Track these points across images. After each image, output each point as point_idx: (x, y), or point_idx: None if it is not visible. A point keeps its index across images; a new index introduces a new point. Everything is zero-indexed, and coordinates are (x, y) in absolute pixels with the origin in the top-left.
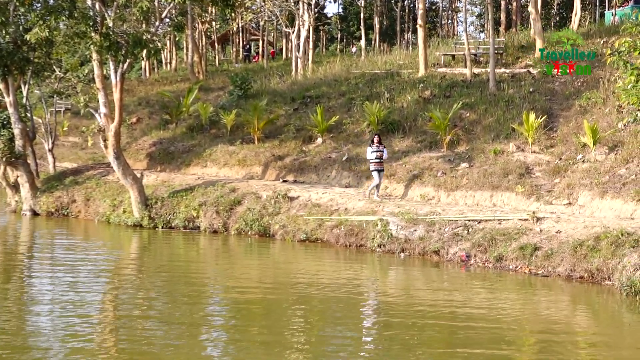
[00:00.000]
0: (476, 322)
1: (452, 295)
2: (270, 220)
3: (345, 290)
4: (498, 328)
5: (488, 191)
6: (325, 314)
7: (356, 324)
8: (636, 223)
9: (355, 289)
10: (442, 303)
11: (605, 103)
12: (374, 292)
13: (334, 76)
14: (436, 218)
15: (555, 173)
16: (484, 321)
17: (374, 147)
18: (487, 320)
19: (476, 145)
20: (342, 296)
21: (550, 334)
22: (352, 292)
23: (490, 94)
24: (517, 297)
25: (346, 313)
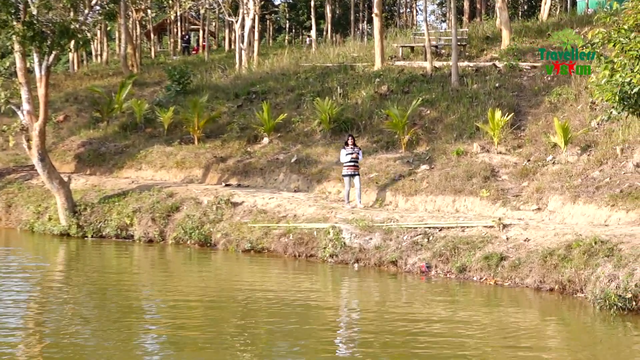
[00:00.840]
0: (437, 337)
1: (411, 309)
2: (212, 228)
3: (294, 304)
4: (461, 344)
5: (450, 196)
6: (271, 329)
7: (306, 341)
8: (610, 230)
9: (305, 303)
10: (400, 317)
11: (578, 99)
12: (325, 306)
13: (282, 70)
14: (393, 225)
15: (523, 176)
16: (446, 336)
17: (349, 149)
18: (450, 336)
19: (437, 146)
20: (291, 311)
21: (518, 350)
22: (301, 307)
23: (453, 90)
24: (481, 311)
25: (295, 329)
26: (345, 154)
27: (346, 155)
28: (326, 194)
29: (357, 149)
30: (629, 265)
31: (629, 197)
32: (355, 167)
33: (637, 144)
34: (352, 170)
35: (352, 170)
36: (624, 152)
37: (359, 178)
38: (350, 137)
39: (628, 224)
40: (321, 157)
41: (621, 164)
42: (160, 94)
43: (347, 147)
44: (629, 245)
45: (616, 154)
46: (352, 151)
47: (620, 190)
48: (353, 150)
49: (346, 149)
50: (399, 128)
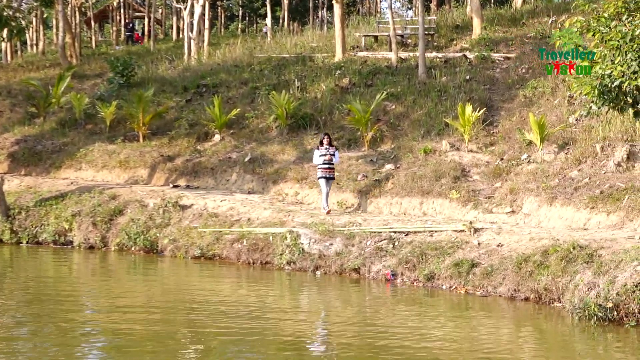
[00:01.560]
0: (406, 350)
1: (376, 319)
2: (158, 233)
3: (249, 315)
4: (432, 358)
5: (417, 197)
6: (223, 341)
7: (261, 355)
8: (590, 234)
9: (260, 314)
10: (365, 328)
11: (554, 93)
12: (282, 317)
13: (235, 61)
14: (356, 230)
15: (496, 176)
16: (415, 349)
17: (323, 150)
18: (419, 349)
19: (403, 143)
20: (245, 322)
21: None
22: (256, 318)
23: (420, 83)
24: (452, 322)
25: (249, 341)
26: (318, 155)
27: (320, 156)
28: (283, 196)
29: (333, 149)
30: (610, 272)
31: (609, 199)
32: (331, 169)
33: (618, 141)
34: (328, 173)
35: (327, 173)
36: (604, 150)
37: (332, 182)
38: (326, 136)
39: (609, 228)
40: (277, 155)
41: (601, 163)
42: (101, 87)
43: (321, 147)
44: (609, 250)
45: (596, 152)
46: (326, 152)
47: (601, 191)
48: (327, 151)
49: (320, 150)
50: (362, 124)
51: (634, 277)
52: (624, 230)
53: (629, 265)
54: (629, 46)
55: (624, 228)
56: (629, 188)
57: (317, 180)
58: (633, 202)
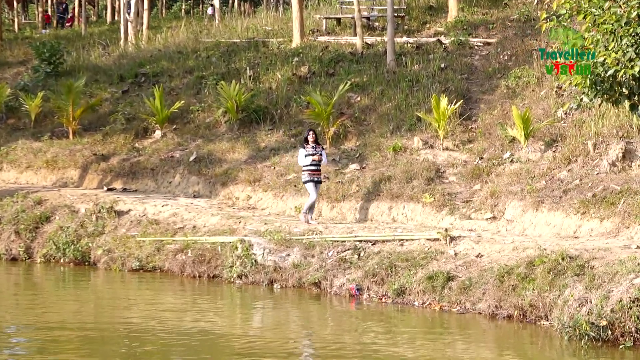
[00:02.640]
0: None
1: (339, 340)
2: (91, 242)
3: (192, 334)
4: None
5: (386, 202)
6: None
7: None
8: (581, 243)
9: (206, 334)
10: (327, 350)
11: (541, 84)
12: (231, 337)
13: (178, 47)
14: (316, 238)
15: (475, 177)
16: None
17: (309, 149)
18: None
19: (370, 140)
20: (188, 342)
21: None
22: (200, 338)
23: (389, 72)
24: (425, 343)
25: None
26: (304, 155)
27: (306, 156)
28: (233, 200)
29: (320, 149)
30: (604, 287)
31: (603, 203)
32: (318, 172)
33: (612, 137)
34: (316, 176)
35: (315, 176)
36: (597, 147)
37: (319, 187)
38: (312, 133)
39: (602, 236)
40: (227, 154)
41: (594, 162)
42: (25, 76)
43: (307, 146)
44: (603, 261)
45: (587, 150)
46: (314, 151)
47: (593, 194)
48: (315, 151)
49: (306, 148)
50: (323, 119)
51: (631, 291)
52: (619, 238)
53: (625, 278)
54: (625, 30)
55: (620, 236)
56: (625, 191)
57: (303, 184)
58: (629, 206)
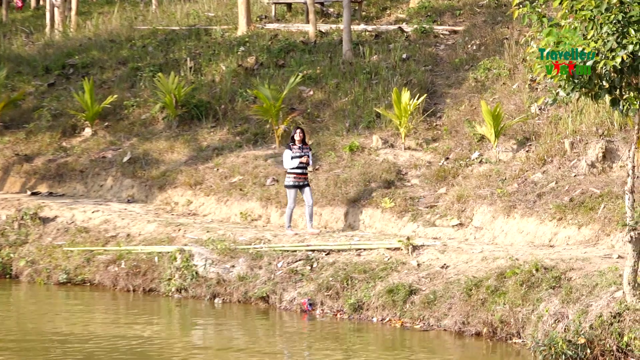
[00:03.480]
0: None
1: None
2: (13, 253)
3: (125, 354)
4: None
5: (341, 207)
6: None
7: None
8: (557, 252)
9: (133, 355)
10: None
11: (513, 76)
12: (165, 357)
13: (111, 35)
14: (264, 248)
15: (440, 180)
16: None
17: (296, 150)
18: None
19: (324, 139)
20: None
21: None
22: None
23: (345, 63)
24: None
25: None
26: (290, 157)
27: (292, 158)
28: (171, 206)
29: (308, 150)
30: (582, 300)
31: (581, 208)
32: (305, 175)
33: (591, 136)
34: (302, 180)
35: (301, 180)
36: (575, 147)
37: (311, 191)
38: (299, 132)
39: (580, 244)
40: (165, 154)
41: (571, 163)
42: None
43: (294, 147)
44: (581, 272)
45: (564, 149)
46: (302, 153)
47: (570, 198)
48: (302, 152)
49: (292, 150)
50: (272, 115)
51: (612, 305)
52: (598, 247)
53: (606, 292)
54: (605, 17)
55: (599, 244)
56: (606, 195)
57: (285, 187)
58: (610, 212)
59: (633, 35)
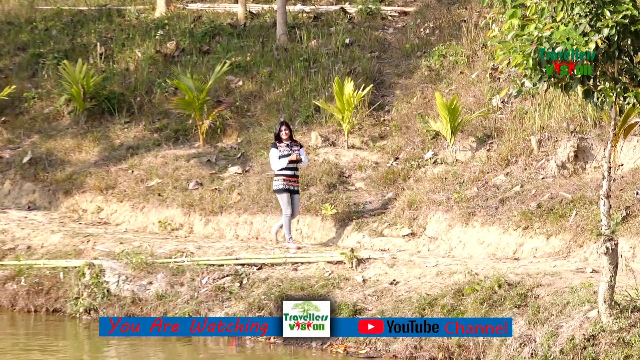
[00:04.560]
0: None
1: None
2: None
3: None
4: None
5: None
6: None
7: None
8: (523, 266)
9: None
10: None
11: (472, 64)
12: None
13: (8, 16)
14: (187, 262)
15: (389, 183)
16: None
17: (283, 148)
18: None
19: (255, 137)
20: None
21: None
22: None
23: (279, 49)
24: None
25: None
26: (277, 156)
27: (280, 157)
28: (79, 213)
29: (298, 147)
30: (551, 321)
31: (550, 215)
32: (296, 178)
33: (562, 132)
34: (293, 184)
35: (292, 184)
36: (543, 145)
37: (298, 198)
38: (284, 127)
39: (549, 257)
40: (71, 154)
41: (538, 163)
42: None
43: (281, 145)
44: (550, 289)
45: (531, 148)
46: (290, 151)
47: (537, 204)
48: (291, 150)
49: (279, 148)
50: (195, 109)
51: (585, 327)
52: (570, 260)
53: (578, 311)
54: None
55: (571, 257)
56: (578, 200)
57: (275, 194)
58: (583, 219)
59: (609, 18)
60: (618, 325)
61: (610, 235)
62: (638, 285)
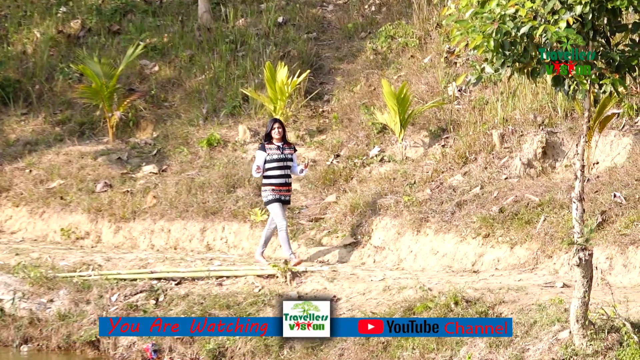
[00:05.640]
0: None
1: None
2: None
3: None
4: None
5: (197, 221)
6: None
7: None
8: (483, 280)
9: None
10: None
11: (424, 47)
12: None
13: None
14: (94, 276)
15: (328, 184)
16: None
17: (273, 151)
18: None
19: (173, 130)
20: None
21: None
22: None
23: (201, 29)
24: None
25: None
26: (263, 160)
27: (267, 162)
28: None
29: (292, 150)
30: (516, 343)
31: (514, 221)
32: (288, 186)
33: (528, 126)
34: (284, 193)
35: (283, 193)
36: (506, 140)
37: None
38: (277, 125)
39: (513, 269)
40: None
41: (501, 161)
42: None
43: (271, 146)
44: (515, 306)
45: (492, 144)
46: (281, 154)
47: (500, 208)
48: (282, 153)
49: (268, 150)
50: (103, 98)
51: (555, 350)
52: (537, 272)
53: (547, 331)
54: None
55: (538, 269)
56: (547, 203)
57: (265, 205)
58: (553, 226)
59: None
60: (593, 348)
61: (583, 245)
62: (616, 301)
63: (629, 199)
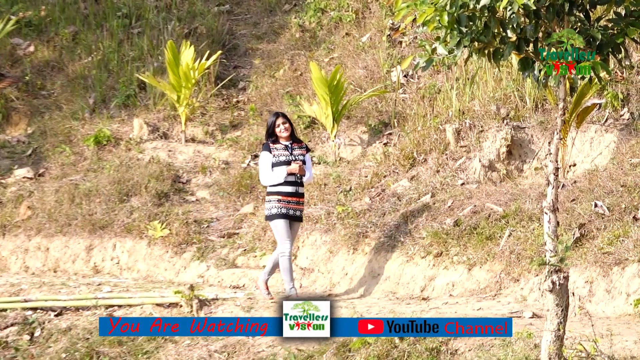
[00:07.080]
0: None
1: None
2: None
3: None
4: None
5: (82, 236)
6: None
7: None
8: (435, 309)
9: None
10: None
11: (360, 23)
12: None
13: None
14: None
15: (244, 192)
16: None
17: (280, 153)
18: None
19: (53, 126)
20: None
21: None
22: None
23: (87, 0)
24: None
25: None
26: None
27: (273, 166)
28: None
29: (302, 150)
30: None
31: (473, 237)
32: (299, 197)
33: (490, 119)
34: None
35: (292, 205)
36: (463, 137)
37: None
38: (283, 120)
39: (472, 295)
40: None
41: (456, 163)
42: None
43: (277, 145)
44: (473, 341)
45: (446, 141)
46: (290, 156)
47: (455, 221)
48: (292, 155)
49: (273, 151)
50: None
51: None
52: (501, 299)
53: None
54: None
55: (502, 295)
56: (512, 214)
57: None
58: (520, 242)
59: None
60: None
61: (557, 265)
62: (597, 335)
63: (613, 210)
